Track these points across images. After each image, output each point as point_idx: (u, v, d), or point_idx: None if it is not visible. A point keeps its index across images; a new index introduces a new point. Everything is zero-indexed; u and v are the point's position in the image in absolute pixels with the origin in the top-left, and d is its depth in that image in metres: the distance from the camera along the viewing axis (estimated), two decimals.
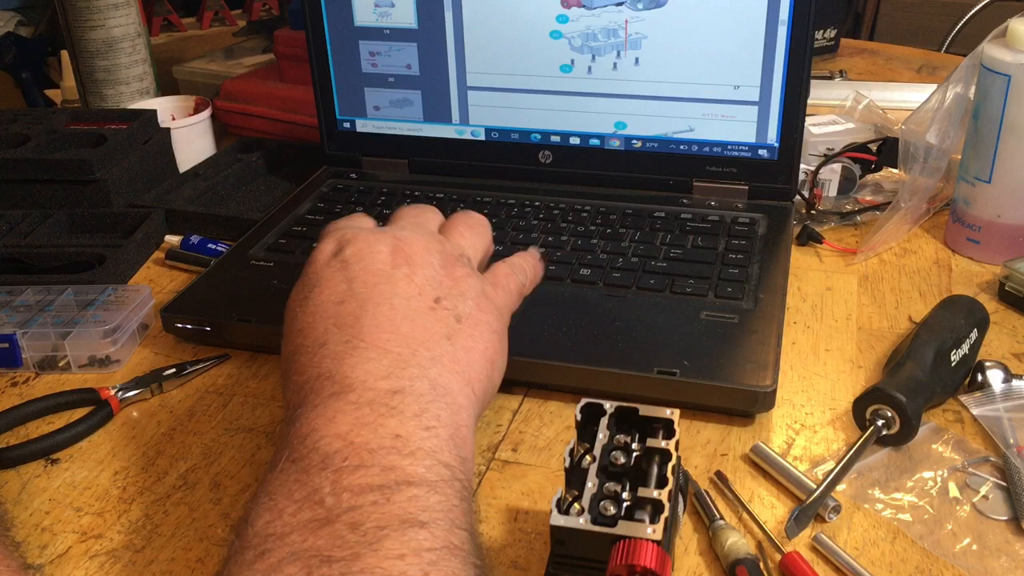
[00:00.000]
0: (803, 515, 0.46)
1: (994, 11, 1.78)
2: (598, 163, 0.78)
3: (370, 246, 0.45)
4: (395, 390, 0.39)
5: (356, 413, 0.38)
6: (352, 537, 0.33)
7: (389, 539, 0.33)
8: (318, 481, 0.35)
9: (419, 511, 0.34)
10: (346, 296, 0.43)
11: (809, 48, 0.70)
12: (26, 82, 2.01)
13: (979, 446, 0.52)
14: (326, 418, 0.38)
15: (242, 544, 0.34)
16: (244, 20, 1.41)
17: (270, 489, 0.36)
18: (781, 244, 0.68)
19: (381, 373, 0.40)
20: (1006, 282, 0.65)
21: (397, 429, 0.37)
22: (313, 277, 0.45)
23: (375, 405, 0.38)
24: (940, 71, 1.20)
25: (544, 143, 0.79)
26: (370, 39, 0.79)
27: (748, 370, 0.54)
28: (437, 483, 0.36)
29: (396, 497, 0.35)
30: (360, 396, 0.39)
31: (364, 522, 0.33)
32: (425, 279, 0.45)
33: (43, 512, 0.49)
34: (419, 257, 0.45)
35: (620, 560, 0.36)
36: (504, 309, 0.48)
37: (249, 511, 0.36)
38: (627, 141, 0.77)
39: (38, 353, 0.61)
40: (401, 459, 0.36)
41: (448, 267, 0.46)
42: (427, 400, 0.40)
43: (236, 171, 0.88)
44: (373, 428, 0.37)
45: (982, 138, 0.68)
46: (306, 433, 0.37)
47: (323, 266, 0.45)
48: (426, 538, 0.33)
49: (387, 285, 0.44)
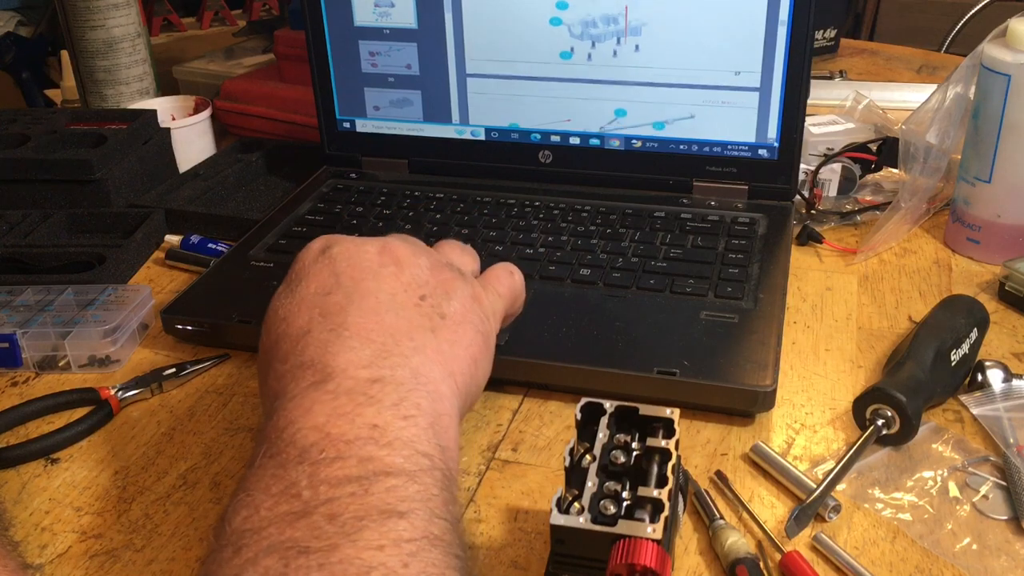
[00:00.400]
0: (803, 515, 0.46)
1: (994, 11, 1.78)
2: (598, 163, 0.78)
3: (358, 246, 0.46)
4: (375, 379, 0.39)
5: (333, 403, 0.38)
6: (330, 528, 0.33)
7: (367, 530, 0.33)
8: (295, 475, 0.35)
9: (397, 501, 0.34)
10: (333, 288, 0.44)
11: (809, 47, 0.70)
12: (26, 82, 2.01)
13: (979, 446, 0.52)
14: (303, 409, 0.38)
15: (220, 543, 0.34)
16: (244, 20, 1.41)
17: (247, 486, 0.36)
18: (781, 244, 0.68)
19: (363, 362, 0.40)
20: (1006, 282, 0.65)
21: (374, 419, 0.37)
22: (300, 272, 0.46)
23: (353, 394, 0.38)
24: (940, 71, 1.21)
25: (544, 143, 0.79)
26: (370, 39, 0.79)
27: (748, 370, 0.54)
28: (416, 473, 0.36)
29: (374, 488, 0.34)
30: (339, 385, 0.38)
31: (342, 513, 0.33)
32: (411, 277, 0.45)
33: (43, 512, 0.49)
34: (406, 259, 0.46)
35: (620, 559, 0.36)
36: (492, 313, 0.48)
37: (227, 509, 0.35)
38: (627, 141, 0.77)
39: (38, 353, 0.61)
40: (378, 449, 0.36)
41: (435, 270, 0.46)
42: (407, 389, 0.39)
43: (236, 171, 0.88)
44: (350, 418, 0.37)
45: (982, 138, 0.68)
46: (283, 426, 0.37)
47: (310, 262, 0.46)
48: (405, 528, 0.33)
49: (373, 281, 0.44)
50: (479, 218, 0.74)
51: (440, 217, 0.74)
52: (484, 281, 0.49)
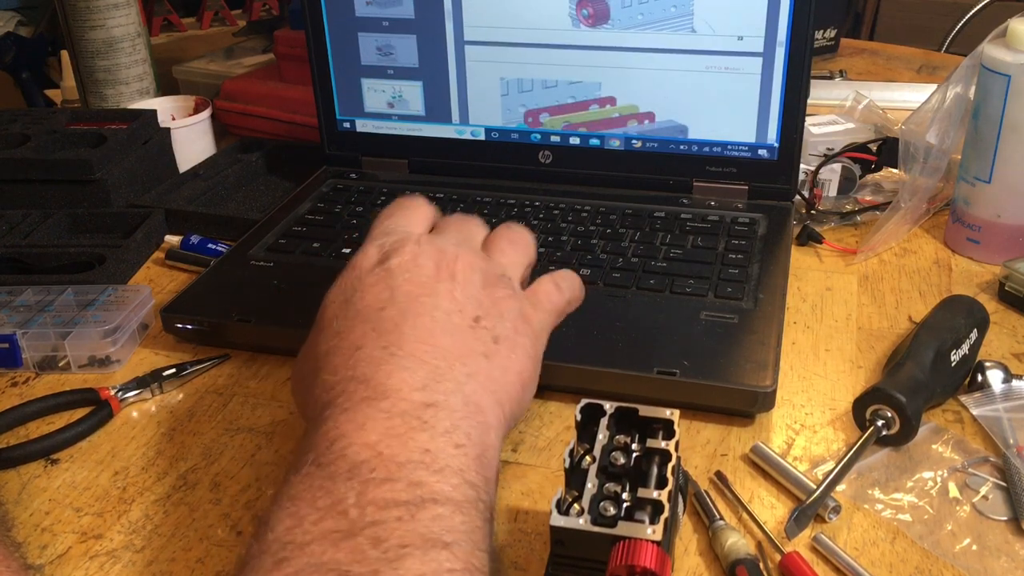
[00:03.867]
0: (803, 515, 0.46)
1: (994, 11, 1.78)
2: (598, 163, 0.78)
3: (415, 259, 0.45)
4: (429, 403, 0.39)
5: (388, 423, 0.37)
6: (373, 553, 0.32)
7: (410, 558, 0.32)
8: (343, 491, 0.35)
9: (443, 531, 0.34)
10: (387, 303, 0.43)
11: (809, 47, 0.70)
12: (26, 82, 2.01)
13: (979, 446, 0.52)
14: (356, 424, 0.37)
15: (260, 548, 0.34)
16: (244, 20, 1.41)
17: (293, 493, 0.35)
18: (781, 244, 0.68)
19: (417, 384, 0.39)
20: (1006, 282, 0.65)
21: (427, 444, 0.37)
22: (355, 281, 0.45)
23: (407, 416, 0.38)
24: (940, 71, 1.21)
25: (544, 143, 0.79)
26: (369, 31, 0.79)
27: (748, 370, 0.54)
28: (462, 503, 0.36)
29: (421, 515, 0.34)
30: (393, 405, 0.38)
31: (387, 538, 0.33)
32: (466, 296, 0.44)
33: (43, 512, 0.49)
34: (462, 274, 0.45)
35: (620, 561, 0.36)
36: (541, 332, 0.48)
37: (270, 514, 0.35)
38: (627, 141, 0.77)
39: (38, 353, 0.61)
40: (429, 475, 0.36)
41: (489, 287, 0.46)
42: (459, 417, 0.39)
43: (236, 171, 0.88)
44: (403, 441, 0.37)
45: (982, 138, 0.68)
46: (334, 438, 0.37)
47: (366, 272, 0.45)
48: (448, 559, 0.33)
49: (429, 298, 0.43)
50: None
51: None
52: (534, 298, 0.49)
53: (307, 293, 0.49)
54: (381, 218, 0.50)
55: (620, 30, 0.73)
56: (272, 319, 0.61)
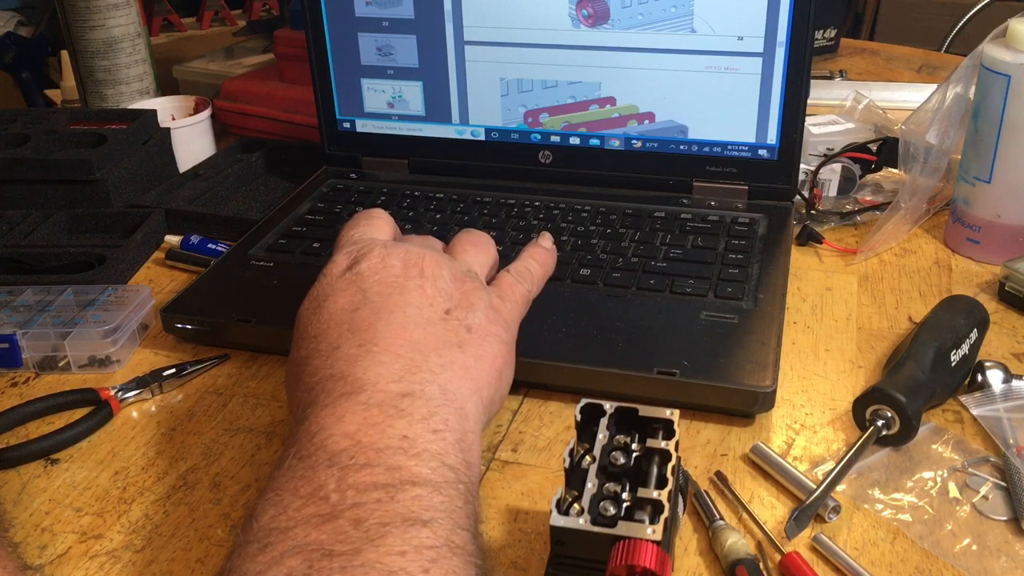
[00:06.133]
0: (803, 515, 0.46)
1: (994, 11, 1.78)
2: (598, 163, 0.78)
3: (384, 260, 0.47)
4: (405, 393, 0.40)
5: (365, 413, 0.38)
6: (354, 533, 0.33)
7: (391, 536, 0.33)
8: (323, 478, 0.36)
9: (422, 510, 0.35)
10: (360, 304, 0.44)
11: (809, 47, 0.70)
12: (26, 82, 2.01)
13: (979, 446, 0.52)
14: (335, 417, 0.38)
15: (246, 538, 0.35)
16: (244, 20, 1.41)
17: (276, 485, 0.37)
18: (781, 244, 0.68)
19: (392, 376, 0.41)
20: (1006, 282, 0.65)
21: (405, 431, 0.38)
22: (327, 288, 0.46)
23: (384, 407, 0.39)
24: (940, 71, 1.20)
25: (544, 143, 0.79)
26: (369, 31, 0.79)
27: (748, 370, 0.54)
28: (441, 484, 0.37)
29: (400, 496, 0.35)
30: (370, 397, 0.39)
31: (367, 519, 0.34)
32: (436, 291, 0.46)
33: (43, 512, 0.49)
34: (430, 270, 0.46)
35: (620, 560, 0.36)
36: (512, 321, 0.49)
37: (255, 507, 0.36)
38: (627, 141, 0.77)
39: (38, 353, 0.61)
40: (407, 459, 0.37)
41: (457, 281, 0.47)
42: (436, 404, 0.40)
43: (236, 171, 0.88)
44: (381, 429, 0.38)
45: (982, 138, 0.68)
46: (314, 431, 0.38)
47: (337, 278, 0.46)
48: (428, 536, 0.34)
49: (400, 295, 0.45)
50: (479, 218, 0.74)
51: (440, 217, 0.74)
52: (499, 290, 0.50)
53: (307, 293, 0.49)
54: (346, 229, 0.51)
55: (620, 30, 0.73)
56: (272, 319, 0.61)
